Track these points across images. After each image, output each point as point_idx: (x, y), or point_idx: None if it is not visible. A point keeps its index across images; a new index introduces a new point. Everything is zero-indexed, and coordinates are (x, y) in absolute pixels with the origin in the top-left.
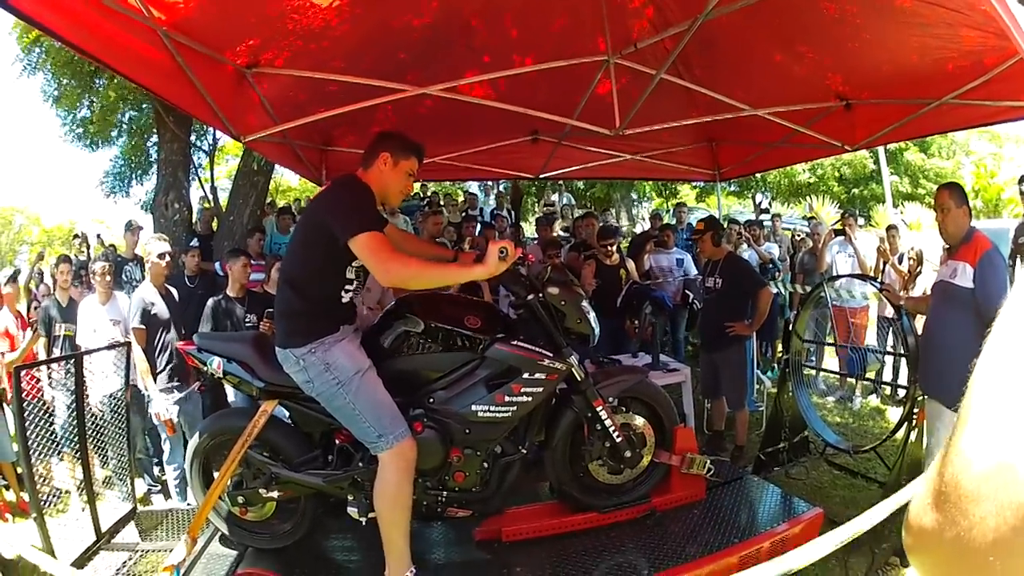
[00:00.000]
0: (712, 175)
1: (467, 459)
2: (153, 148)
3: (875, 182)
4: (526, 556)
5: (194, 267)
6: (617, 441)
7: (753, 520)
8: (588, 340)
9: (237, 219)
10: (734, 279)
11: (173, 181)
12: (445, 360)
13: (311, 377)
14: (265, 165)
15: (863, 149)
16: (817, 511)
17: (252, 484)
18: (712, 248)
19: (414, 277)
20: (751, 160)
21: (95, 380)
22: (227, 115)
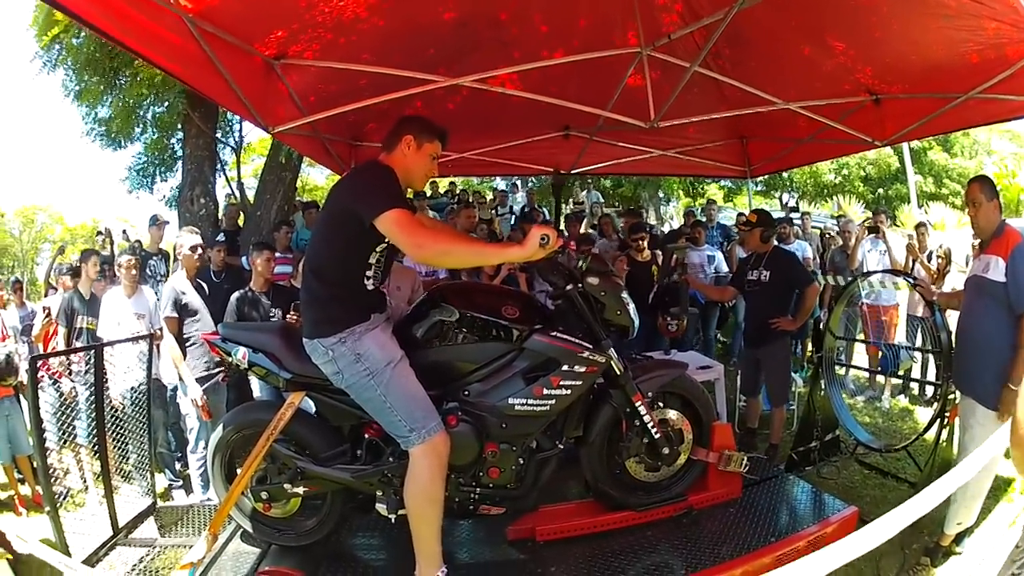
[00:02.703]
0: (743, 172)
1: (502, 454)
2: (178, 145)
3: (900, 182)
4: (561, 556)
5: (220, 262)
6: (655, 437)
7: (789, 519)
8: (627, 333)
9: (264, 214)
10: (782, 272)
11: (199, 176)
12: (481, 351)
13: (340, 368)
14: (293, 160)
15: (893, 144)
16: (852, 510)
17: (277, 479)
18: (759, 243)
19: (446, 252)
20: (782, 156)
21: (116, 373)
22: (256, 106)
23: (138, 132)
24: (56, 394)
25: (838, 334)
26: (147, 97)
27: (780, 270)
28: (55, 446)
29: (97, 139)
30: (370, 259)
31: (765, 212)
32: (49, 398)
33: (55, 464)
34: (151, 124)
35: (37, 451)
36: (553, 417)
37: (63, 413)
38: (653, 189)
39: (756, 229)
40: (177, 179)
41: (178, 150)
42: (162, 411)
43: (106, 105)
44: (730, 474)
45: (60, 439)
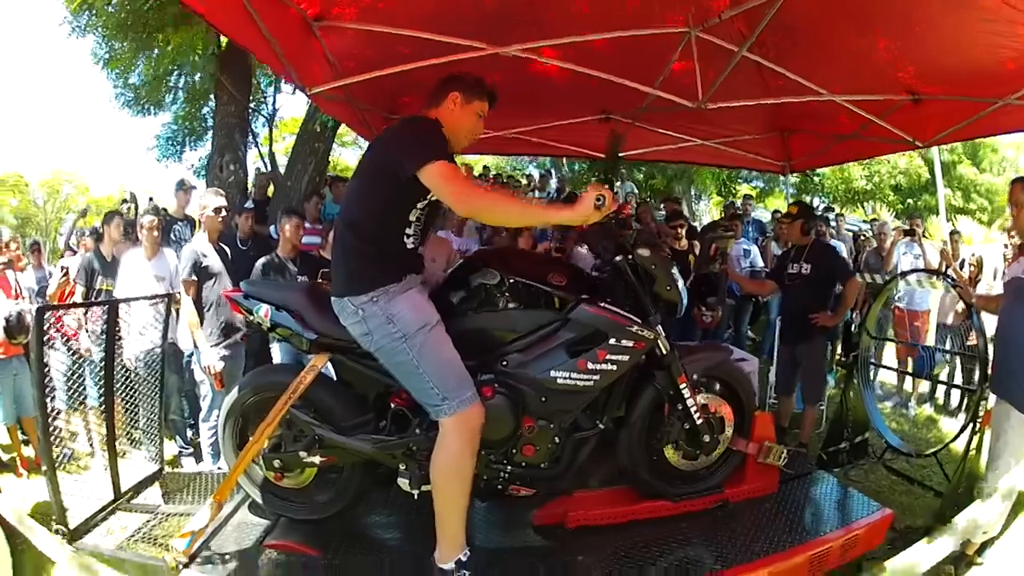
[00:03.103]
0: (781, 167)
1: (539, 431)
2: (209, 115)
3: (929, 193)
4: (590, 544)
5: (247, 229)
6: (697, 423)
7: (823, 518)
8: (675, 310)
9: (295, 185)
10: (823, 264)
11: (229, 143)
12: (524, 319)
13: (370, 329)
14: (327, 132)
15: (933, 145)
16: (887, 512)
17: (292, 447)
18: (801, 235)
19: (493, 207)
20: (822, 152)
21: (131, 335)
22: (293, 64)
23: (168, 101)
24: (68, 355)
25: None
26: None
27: (821, 262)
28: (64, 408)
29: (126, 106)
30: (410, 216)
31: (806, 204)
32: (61, 358)
33: (62, 427)
34: (183, 92)
35: (38, 407)
36: (595, 394)
37: (74, 374)
38: (686, 184)
39: (797, 221)
40: (207, 150)
41: (209, 120)
42: (177, 376)
43: (136, 72)
44: (767, 468)
45: (69, 401)
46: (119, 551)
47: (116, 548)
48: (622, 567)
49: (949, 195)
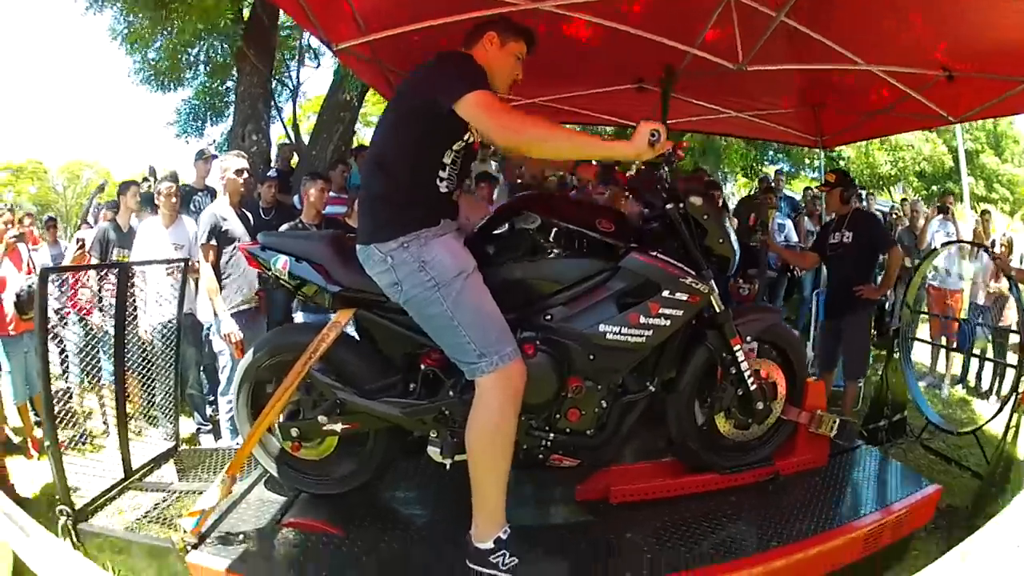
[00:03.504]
0: (815, 141)
1: (586, 393)
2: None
3: (952, 181)
4: (636, 520)
5: (270, 198)
6: (751, 389)
7: (875, 493)
8: (726, 266)
9: (320, 154)
10: (865, 233)
11: (252, 113)
12: (569, 268)
13: (400, 278)
14: (353, 101)
15: (966, 121)
16: (936, 487)
17: (311, 414)
18: (840, 204)
19: (541, 139)
20: (855, 128)
21: (148, 306)
22: (320, 20)
23: (189, 76)
24: (83, 331)
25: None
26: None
27: (863, 231)
28: (77, 387)
29: (145, 83)
30: (444, 158)
31: (844, 172)
32: (75, 336)
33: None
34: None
35: (41, 376)
36: (646, 352)
37: (89, 351)
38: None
39: (836, 189)
40: (229, 125)
41: (231, 96)
42: (195, 349)
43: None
44: (817, 439)
45: (83, 379)
46: (127, 532)
47: (125, 529)
48: (671, 544)
49: (972, 183)
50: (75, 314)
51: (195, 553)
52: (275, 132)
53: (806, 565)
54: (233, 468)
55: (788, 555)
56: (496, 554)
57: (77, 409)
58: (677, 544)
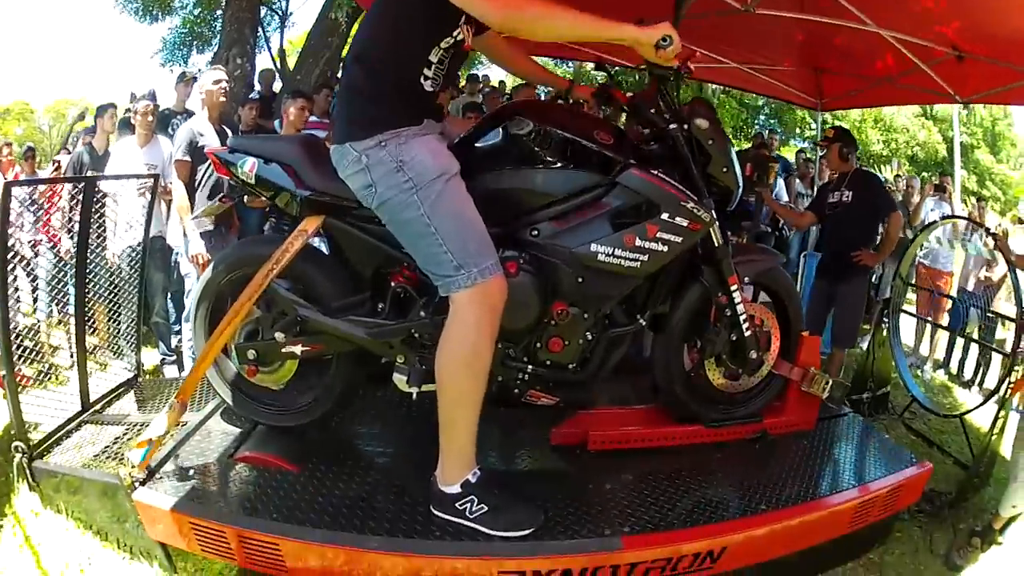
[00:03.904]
0: (814, 103)
1: (571, 320)
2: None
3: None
4: (615, 470)
5: (251, 121)
6: (745, 335)
7: (866, 465)
8: (728, 198)
9: (305, 78)
10: (865, 193)
11: (238, 38)
12: (561, 179)
13: (375, 180)
14: (341, 27)
15: (972, 103)
16: (927, 466)
17: (269, 333)
18: (839, 161)
19: (541, 17)
20: (858, 94)
21: (118, 230)
22: None
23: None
24: (54, 259)
25: None
26: None
27: (864, 191)
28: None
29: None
30: (431, 55)
31: (844, 128)
32: (47, 263)
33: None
34: None
35: None
36: (639, 280)
37: (59, 278)
38: None
39: (835, 144)
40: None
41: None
42: (163, 275)
43: None
44: (808, 400)
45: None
46: (80, 468)
47: (80, 466)
48: (651, 498)
49: (964, 177)
50: (47, 241)
51: (141, 490)
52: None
53: (790, 535)
54: (184, 393)
55: (773, 522)
56: (463, 500)
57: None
58: (657, 500)
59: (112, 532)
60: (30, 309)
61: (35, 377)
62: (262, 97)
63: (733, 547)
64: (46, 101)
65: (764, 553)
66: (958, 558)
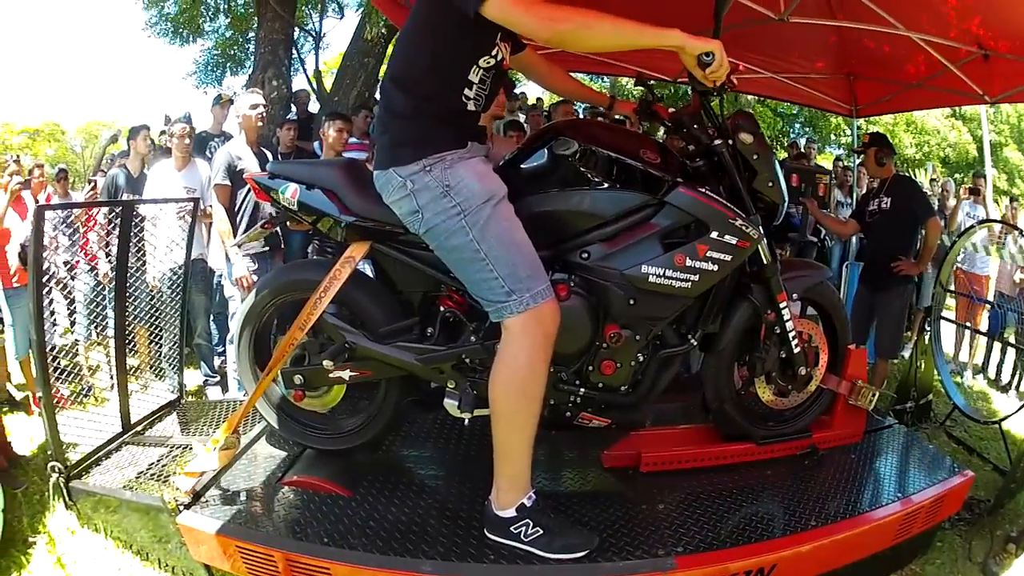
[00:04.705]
0: (849, 110)
1: (624, 343)
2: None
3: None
4: (668, 490)
5: (289, 142)
6: (795, 352)
7: (912, 476)
8: (774, 213)
9: (342, 99)
10: (904, 198)
11: (272, 59)
12: (609, 201)
13: (421, 205)
14: (378, 46)
15: (1001, 103)
16: (969, 474)
17: (317, 358)
18: (876, 167)
19: (586, 27)
20: (890, 99)
21: (157, 252)
22: None
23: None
24: (92, 282)
25: None
26: None
27: (902, 196)
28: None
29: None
30: (471, 75)
31: (881, 134)
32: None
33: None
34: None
35: (34, 319)
36: (690, 300)
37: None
38: None
39: (871, 149)
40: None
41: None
42: (205, 297)
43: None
44: (855, 413)
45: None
46: (120, 490)
47: (120, 487)
48: (703, 517)
49: (995, 176)
50: (85, 262)
51: (186, 513)
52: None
53: (838, 549)
54: (233, 422)
55: (821, 538)
56: (519, 523)
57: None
58: (712, 518)
59: (153, 552)
60: (65, 329)
61: (72, 397)
62: (299, 118)
63: (783, 563)
64: (77, 122)
65: (813, 568)
66: (994, 564)
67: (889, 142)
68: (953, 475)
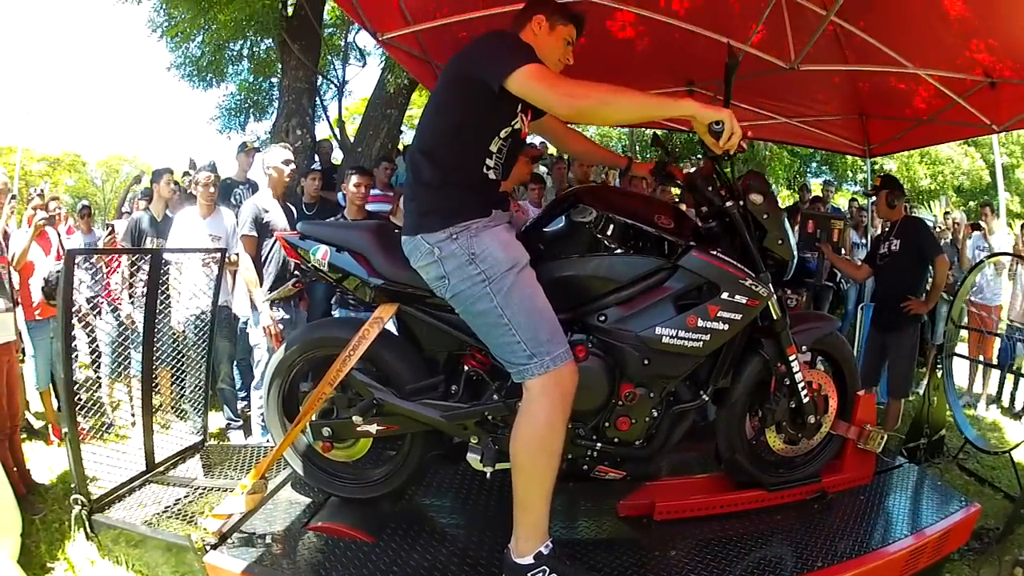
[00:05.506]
0: (862, 150)
1: (639, 400)
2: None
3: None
4: (680, 537)
5: (314, 192)
6: (804, 402)
7: (918, 513)
8: (784, 269)
9: (365, 151)
10: (911, 239)
11: (296, 108)
12: (627, 266)
13: (447, 272)
14: (400, 98)
15: (1009, 130)
16: (975, 507)
17: (345, 413)
18: (887, 209)
19: (605, 102)
20: (901, 136)
21: (182, 298)
22: (364, 9)
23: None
24: (116, 322)
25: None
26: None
27: (910, 237)
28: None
29: (186, 78)
30: (491, 145)
31: (892, 177)
32: (107, 327)
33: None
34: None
35: (62, 359)
36: (702, 359)
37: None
38: None
39: (882, 192)
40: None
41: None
42: (229, 343)
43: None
44: (864, 456)
45: (113, 370)
46: (143, 526)
47: (142, 523)
48: (714, 563)
49: (1008, 199)
50: (108, 304)
51: (213, 553)
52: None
53: None
54: (261, 468)
55: None
56: (536, 570)
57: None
58: (721, 564)
59: None
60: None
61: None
62: (322, 168)
63: None
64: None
65: None
66: None
67: (899, 184)
68: (959, 509)
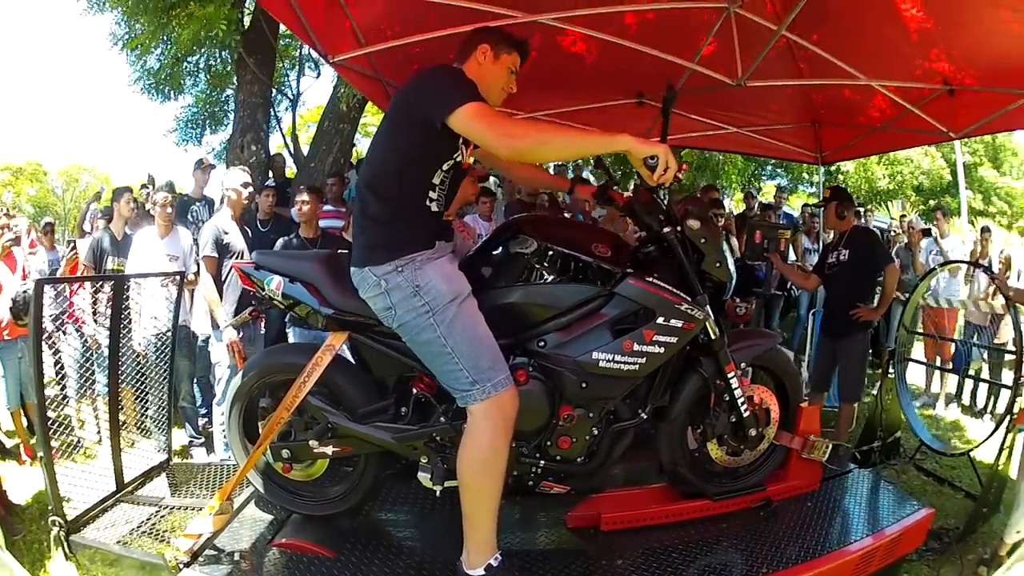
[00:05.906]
0: (814, 157)
1: (577, 421)
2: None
3: (950, 195)
4: (627, 547)
5: (268, 209)
6: (744, 416)
7: (868, 517)
8: (722, 290)
9: (318, 165)
10: (861, 249)
11: (251, 123)
12: (564, 293)
13: (394, 303)
14: (353, 112)
15: (967, 137)
16: (928, 511)
17: (302, 436)
18: (836, 220)
19: (543, 143)
20: (855, 144)
21: (143, 318)
22: (317, 33)
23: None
24: (80, 342)
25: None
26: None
27: (860, 247)
28: (74, 395)
29: (145, 91)
30: (433, 178)
31: (841, 188)
32: (71, 347)
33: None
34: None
35: (35, 385)
36: (640, 379)
37: (86, 361)
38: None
39: (831, 203)
40: (228, 134)
41: (230, 104)
42: (188, 362)
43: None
44: (810, 464)
45: (79, 389)
46: (118, 545)
47: (116, 542)
48: (662, 571)
49: (970, 197)
50: (71, 324)
51: (186, 571)
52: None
53: None
54: (226, 490)
55: None
56: None
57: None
58: (668, 572)
59: None
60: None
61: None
62: (276, 183)
63: None
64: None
65: None
66: None
67: (849, 196)
68: (912, 512)
